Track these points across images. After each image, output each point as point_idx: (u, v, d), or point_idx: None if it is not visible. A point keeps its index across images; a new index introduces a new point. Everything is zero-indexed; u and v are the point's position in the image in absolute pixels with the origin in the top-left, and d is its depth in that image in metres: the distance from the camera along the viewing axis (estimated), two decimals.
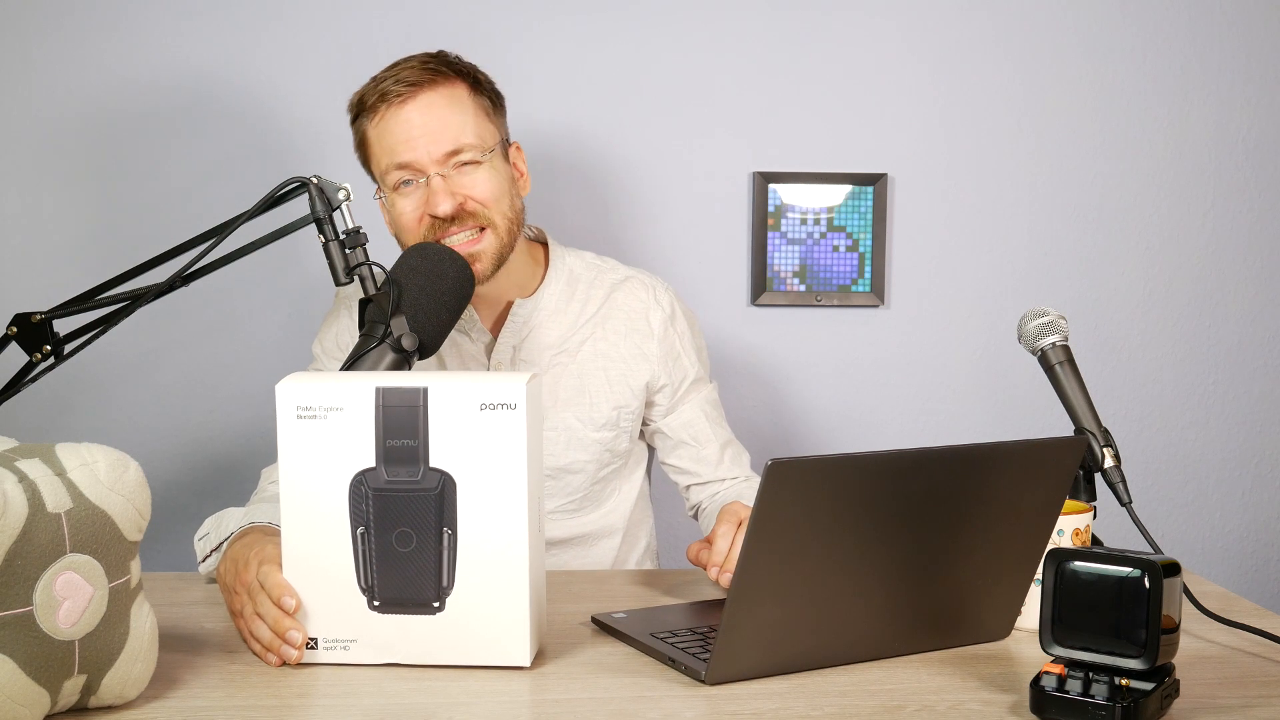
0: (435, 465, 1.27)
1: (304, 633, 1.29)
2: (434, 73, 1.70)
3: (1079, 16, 2.42)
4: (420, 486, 1.27)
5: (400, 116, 1.69)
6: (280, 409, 1.29)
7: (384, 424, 1.27)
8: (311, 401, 1.28)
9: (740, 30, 2.38)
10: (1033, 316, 1.57)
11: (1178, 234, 2.48)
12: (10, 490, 1.05)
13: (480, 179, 1.70)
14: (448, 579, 1.28)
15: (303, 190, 1.54)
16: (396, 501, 1.27)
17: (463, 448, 1.26)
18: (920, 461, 1.25)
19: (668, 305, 1.87)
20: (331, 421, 1.27)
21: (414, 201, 1.70)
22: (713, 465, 1.86)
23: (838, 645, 1.30)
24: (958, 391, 2.47)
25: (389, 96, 1.69)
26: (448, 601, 1.28)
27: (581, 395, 1.81)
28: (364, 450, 1.27)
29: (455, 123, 1.69)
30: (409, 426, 1.26)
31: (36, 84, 2.28)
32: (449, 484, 1.27)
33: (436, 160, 1.68)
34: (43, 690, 1.08)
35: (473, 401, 1.26)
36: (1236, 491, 2.54)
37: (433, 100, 1.69)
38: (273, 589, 1.30)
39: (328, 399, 1.28)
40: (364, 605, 1.29)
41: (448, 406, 1.26)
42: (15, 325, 1.55)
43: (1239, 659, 1.35)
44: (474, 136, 1.70)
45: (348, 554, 1.29)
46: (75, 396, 2.32)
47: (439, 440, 1.26)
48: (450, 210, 1.68)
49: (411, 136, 1.68)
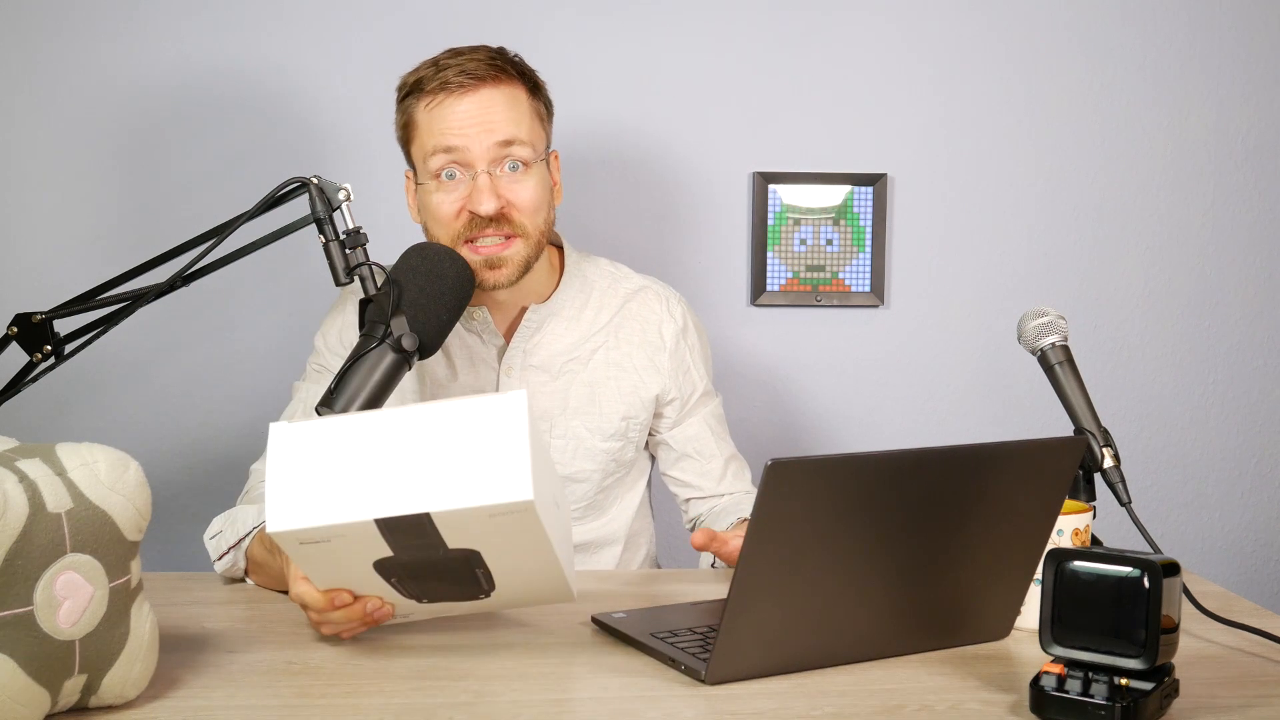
0: (456, 546, 1.23)
1: (374, 600, 1.30)
2: (499, 70, 1.69)
3: (1079, 16, 2.42)
4: (446, 557, 1.24)
5: (457, 107, 1.67)
6: (281, 541, 1.22)
7: (392, 540, 1.22)
8: (310, 536, 1.21)
9: (740, 30, 2.38)
10: (1032, 316, 1.57)
11: (1178, 234, 2.48)
12: (11, 490, 1.05)
13: (526, 186, 1.69)
14: (488, 585, 1.30)
15: (303, 190, 1.54)
16: (424, 566, 1.26)
17: (481, 540, 1.23)
18: (920, 461, 1.25)
19: (680, 318, 1.87)
20: (335, 544, 1.22)
21: (456, 195, 1.68)
22: (715, 480, 1.86)
23: (838, 645, 1.30)
24: (958, 391, 2.47)
25: (450, 85, 1.67)
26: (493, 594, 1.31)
27: (592, 404, 1.81)
28: (378, 550, 1.23)
29: (511, 122, 1.68)
30: (419, 539, 1.22)
31: (37, 86, 2.29)
32: (474, 555, 1.25)
33: (487, 151, 1.66)
34: (43, 690, 1.08)
35: (481, 514, 1.19)
36: (1236, 491, 2.54)
37: (493, 97, 1.68)
38: (317, 604, 1.31)
39: (324, 532, 1.20)
40: (413, 604, 1.32)
41: (456, 522, 1.20)
42: (15, 325, 1.55)
43: (1238, 659, 1.35)
44: (527, 135, 1.69)
45: (387, 592, 1.30)
46: (75, 396, 2.32)
47: (455, 540, 1.22)
48: (493, 210, 1.66)
49: (466, 130, 1.66)
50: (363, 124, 2.29)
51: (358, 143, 2.31)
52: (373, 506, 1.19)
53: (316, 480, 1.21)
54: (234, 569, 1.60)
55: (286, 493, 1.20)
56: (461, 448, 1.19)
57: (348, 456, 1.21)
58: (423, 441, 1.20)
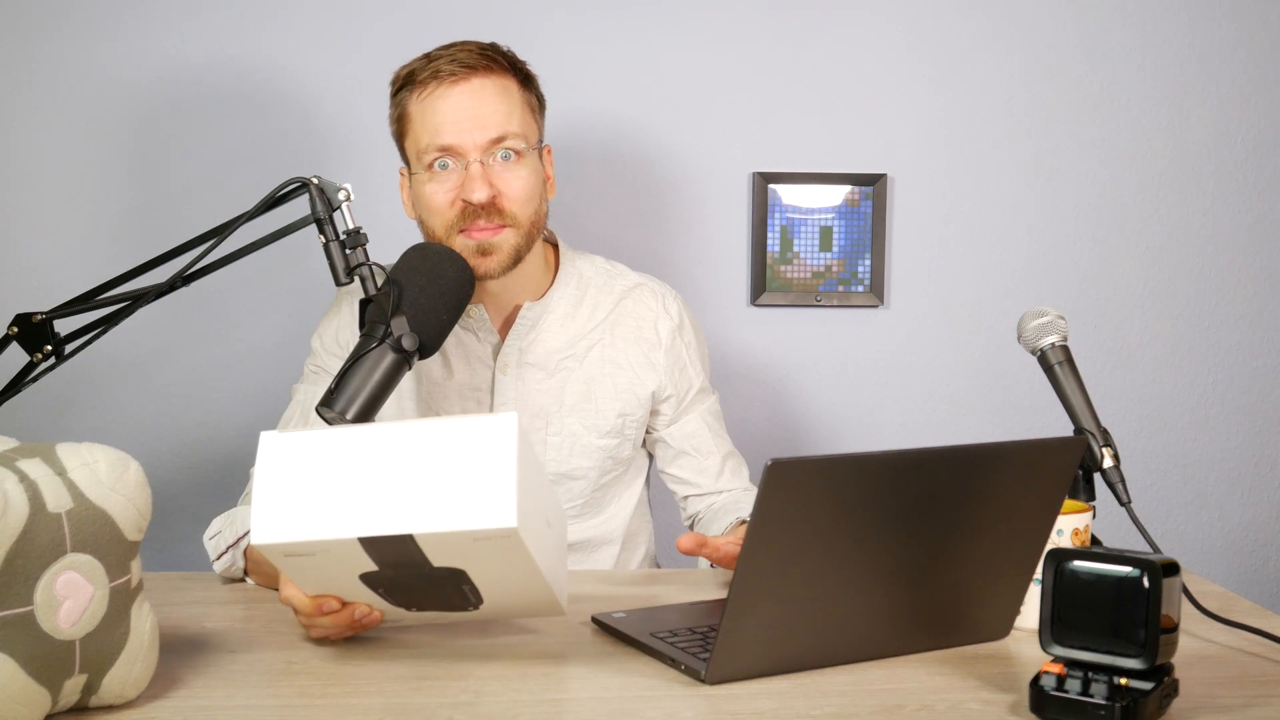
0: (441, 565, 1.23)
1: (362, 607, 1.30)
2: (489, 60, 1.70)
3: (1079, 17, 2.42)
4: (432, 573, 1.24)
5: (449, 97, 1.68)
6: (266, 552, 1.22)
7: (376, 557, 1.22)
8: (295, 550, 1.21)
9: (740, 30, 2.38)
10: (1032, 316, 1.57)
11: (1178, 234, 2.48)
12: (11, 490, 1.05)
13: (518, 176, 1.70)
14: (476, 600, 1.30)
15: (303, 191, 1.54)
16: (410, 581, 1.26)
17: (466, 560, 1.23)
18: (920, 461, 1.25)
19: (676, 315, 1.87)
20: (320, 557, 1.23)
21: (448, 185, 1.69)
22: (713, 477, 1.86)
23: (838, 645, 1.30)
24: (958, 391, 2.47)
25: (441, 75, 1.68)
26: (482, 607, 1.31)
27: (587, 402, 1.81)
28: (363, 564, 1.24)
29: (502, 111, 1.69)
30: (403, 557, 1.22)
31: (37, 86, 2.29)
32: (460, 573, 1.25)
33: (480, 146, 1.67)
34: (43, 690, 1.08)
35: (465, 537, 1.19)
36: (1236, 491, 2.54)
37: (484, 86, 1.69)
38: (305, 608, 1.31)
39: (308, 546, 1.21)
40: (402, 611, 1.32)
41: (439, 543, 1.20)
42: (16, 325, 1.55)
43: (1238, 659, 1.35)
44: (519, 128, 1.70)
45: (376, 600, 1.30)
46: (75, 396, 2.32)
47: (439, 559, 1.22)
48: (485, 198, 1.66)
49: (458, 119, 1.67)
50: (363, 124, 2.29)
51: (358, 143, 2.31)
52: (357, 524, 1.19)
53: (304, 493, 1.21)
54: (233, 569, 1.60)
55: (273, 504, 1.21)
56: (449, 469, 1.19)
57: (336, 471, 1.21)
58: (411, 460, 1.20)
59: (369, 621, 1.32)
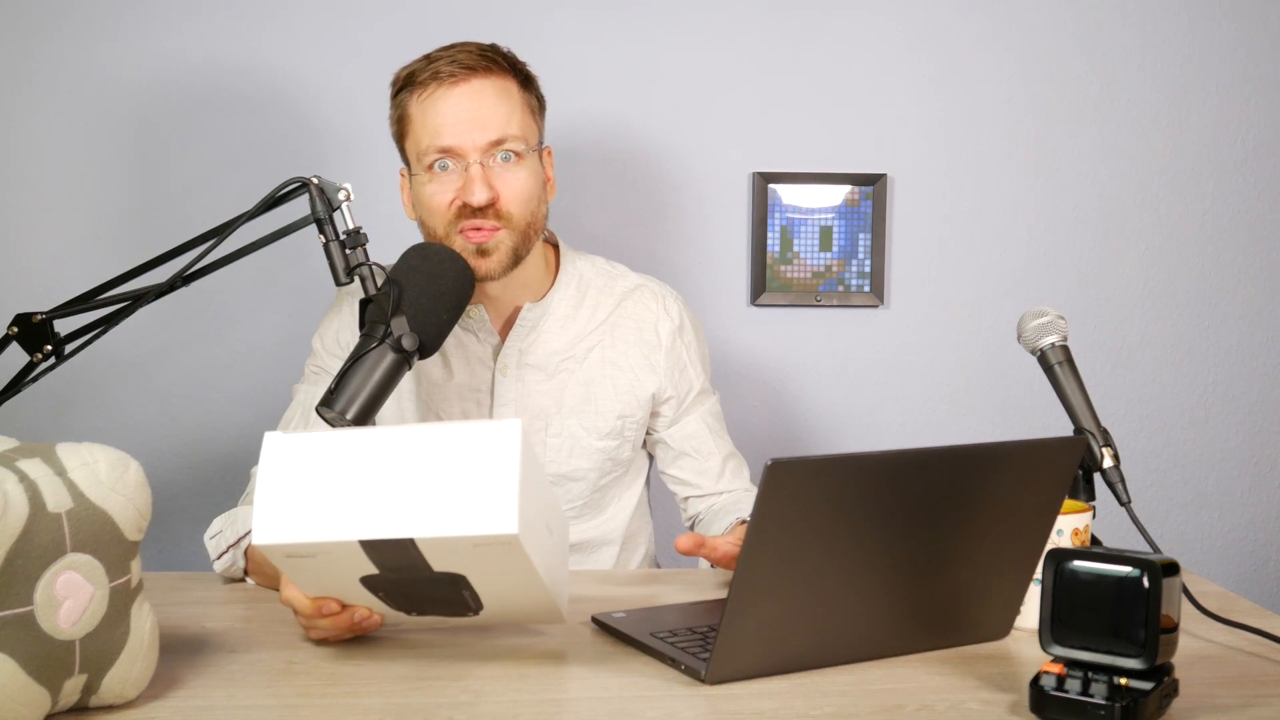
0: (441, 570, 1.23)
1: (362, 610, 1.31)
2: (489, 61, 1.70)
3: (1079, 16, 2.42)
4: (432, 577, 1.24)
5: (449, 98, 1.68)
6: (267, 552, 1.23)
7: (376, 560, 1.22)
8: (295, 551, 1.22)
9: (740, 30, 2.38)
10: (1032, 316, 1.57)
11: (1177, 234, 2.48)
12: (11, 490, 1.05)
13: (518, 178, 1.70)
14: (476, 605, 1.30)
15: (303, 190, 1.54)
16: (410, 585, 1.26)
17: (467, 565, 1.23)
18: (920, 461, 1.25)
19: (676, 316, 1.87)
20: (321, 559, 1.23)
21: (448, 186, 1.69)
22: (714, 478, 1.86)
23: (838, 645, 1.30)
24: (958, 391, 2.47)
25: (441, 76, 1.68)
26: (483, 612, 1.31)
27: (587, 403, 1.81)
28: (364, 567, 1.24)
29: (502, 113, 1.69)
30: (403, 561, 1.22)
31: (37, 85, 2.29)
32: (460, 578, 1.25)
33: (479, 148, 1.67)
34: (43, 690, 1.08)
35: (465, 543, 1.19)
36: (1236, 491, 2.54)
37: (484, 87, 1.69)
38: (305, 610, 1.32)
39: (309, 548, 1.21)
40: (402, 615, 1.33)
41: (440, 548, 1.20)
42: (16, 325, 1.55)
43: (1238, 659, 1.35)
44: (519, 129, 1.70)
45: (375, 604, 1.31)
46: (75, 396, 2.32)
47: (440, 564, 1.22)
48: (485, 200, 1.66)
49: (458, 121, 1.67)
50: (363, 124, 2.29)
51: (358, 143, 2.31)
52: (358, 527, 1.19)
53: (306, 495, 1.21)
54: (233, 568, 1.60)
55: (275, 505, 1.21)
56: (452, 474, 1.19)
57: (339, 473, 1.21)
58: (414, 464, 1.21)
59: (368, 625, 1.32)
